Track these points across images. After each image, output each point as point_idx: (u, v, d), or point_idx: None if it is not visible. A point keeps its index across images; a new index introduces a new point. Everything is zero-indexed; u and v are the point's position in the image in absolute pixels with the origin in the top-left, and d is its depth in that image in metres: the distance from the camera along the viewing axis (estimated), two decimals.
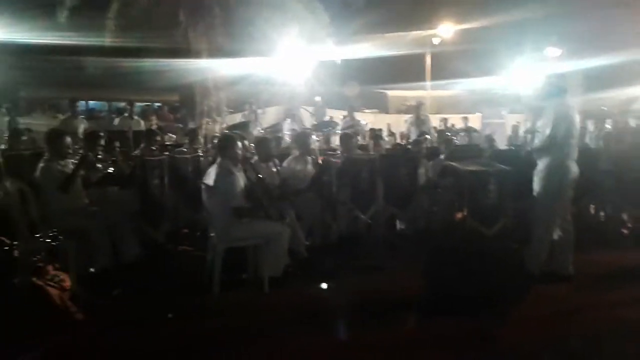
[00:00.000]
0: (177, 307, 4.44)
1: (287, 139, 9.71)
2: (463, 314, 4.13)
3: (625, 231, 6.86)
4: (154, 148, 6.73)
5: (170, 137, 9.29)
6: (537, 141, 5.02)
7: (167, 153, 6.53)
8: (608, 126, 10.12)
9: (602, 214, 7.25)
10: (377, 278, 5.29)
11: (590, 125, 11.20)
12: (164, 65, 12.93)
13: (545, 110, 5.02)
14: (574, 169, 5.00)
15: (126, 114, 10.53)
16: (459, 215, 6.76)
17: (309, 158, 6.36)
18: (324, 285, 4.99)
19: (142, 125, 10.05)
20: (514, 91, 16.53)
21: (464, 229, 6.31)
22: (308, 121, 13.01)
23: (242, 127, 8.58)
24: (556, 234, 5.06)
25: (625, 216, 6.97)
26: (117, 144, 6.46)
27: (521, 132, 12.40)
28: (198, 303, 4.60)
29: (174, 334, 4.02)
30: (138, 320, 4.25)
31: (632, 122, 11.92)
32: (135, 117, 10.34)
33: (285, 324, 4.18)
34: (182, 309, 4.42)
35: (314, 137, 8.11)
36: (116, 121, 10.66)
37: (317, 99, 14.15)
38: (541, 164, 5.02)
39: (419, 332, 4.09)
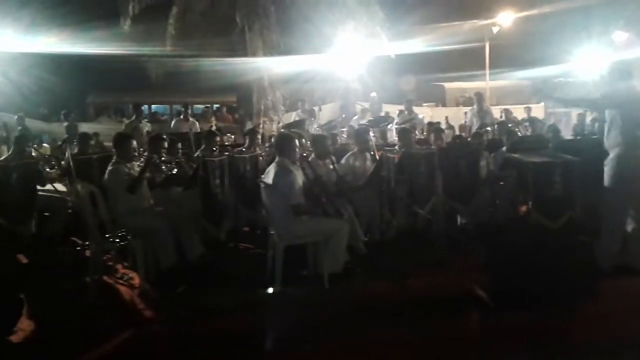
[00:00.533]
0: (239, 303, 4.55)
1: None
2: (529, 310, 4.01)
3: None
4: (214, 149, 6.88)
5: (229, 138, 9.46)
6: (606, 130, 4.81)
7: (227, 153, 6.66)
8: None
9: None
10: (436, 273, 5.19)
11: None
12: (221, 67, 13.24)
13: (612, 98, 4.78)
14: None
15: (181, 117, 10.80)
16: (523, 208, 6.56)
17: (367, 154, 6.34)
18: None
19: (198, 127, 10.28)
20: (579, 79, 15.86)
21: (528, 223, 6.12)
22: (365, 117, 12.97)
23: (298, 125, 8.64)
24: (629, 226, 4.82)
25: None
26: (179, 145, 6.65)
27: (588, 120, 11.90)
28: (261, 299, 4.68)
29: (238, 329, 4.11)
30: (204, 317, 4.37)
31: None
32: (191, 119, 10.58)
33: (346, 320, 4.19)
34: (245, 306, 4.52)
35: (371, 133, 8.06)
36: (172, 124, 10.93)
37: (373, 94, 14.05)
38: (612, 153, 4.80)
39: (483, 328, 4.02)
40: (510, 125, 10.68)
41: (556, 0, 17.32)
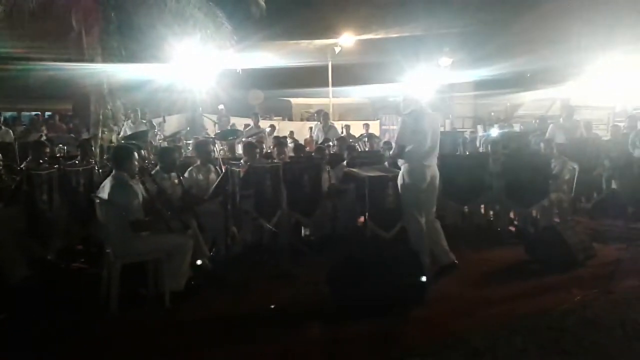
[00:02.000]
0: (70, 330, 4.19)
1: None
2: (368, 317, 4.25)
3: (512, 228, 7.36)
4: (42, 161, 6.29)
5: (62, 149, 8.74)
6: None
7: (57, 166, 6.13)
8: (496, 130, 10.83)
9: (491, 213, 7.73)
10: (283, 285, 5.27)
11: (480, 130, 11.96)
12: (55, 72, 12.20)
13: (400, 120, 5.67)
14: (432, 172, 5.52)
15: None
16: (361, 219, 6.96)
17: (211, 167, 6.27)
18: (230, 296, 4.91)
19: (12, 136, 9.33)
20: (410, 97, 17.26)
21: (365, 233, 6.51)
22: (211, 130, 12.82)
23: (140, 137, 8.27)
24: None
25: (512, 215, 7.48)
26: None
27: None
28: (94, 324, 4.36)
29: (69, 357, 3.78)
30: (24, 348, 3.95)
31: (517, 127, 12.93)
32: (4, 128, 9.57)
33: (188, 339, 4.07)
34: (76, 332, 4.18)
35: (216, 145, 7.99)
36: None
37: (221, 106, 13.96)
38: (402, 168, 5.57)
39: (326, 339, 4.13)
40: (350, 140, 11.29)
41: (391, 26, 18.78)
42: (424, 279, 4.69)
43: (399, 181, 5.58)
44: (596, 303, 4.68)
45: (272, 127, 12.80)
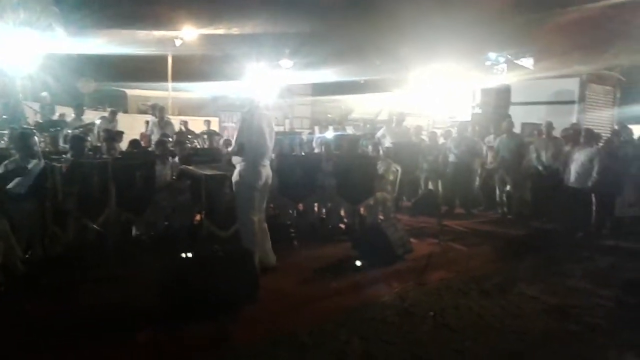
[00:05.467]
0: None
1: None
2: (198, 318, 4.20)
3: (342, 226, 7.78)
4: None
5: None
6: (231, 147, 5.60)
7: None
8: (331, 132, 11.33)
9: (324, 210, 8.09)
10: (108, 287, 4.99)
11: (317, 131, 12.43)
12: None
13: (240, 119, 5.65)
14: (266, 172, 5.60)
15: None
16: (198, 218, 6.85)
17: (32, 161, 5.68)
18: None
19: None
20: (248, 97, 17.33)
21: (202, 232, 6.42)
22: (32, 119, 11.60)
23: None
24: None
25: (342, 212, 7.90)
26: None
27: None
28: None
29: None
30: None
31: (350, 130, 13.69)
32: None
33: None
34: None
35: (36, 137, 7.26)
36: None
37: (44, 94, 12.67)
38: (237, 167, 5.55)
39: (158, 340, 3.99)
40: (189, 136, 11.03)
41: (234, 22, 18.70)
42: (255, 277, 4.76)
43: (234, 179, 5.56)
44: (411, 294, 5.15)
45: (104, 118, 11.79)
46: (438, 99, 15.57)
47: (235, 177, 5.55)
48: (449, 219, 8.40)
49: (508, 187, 9.29)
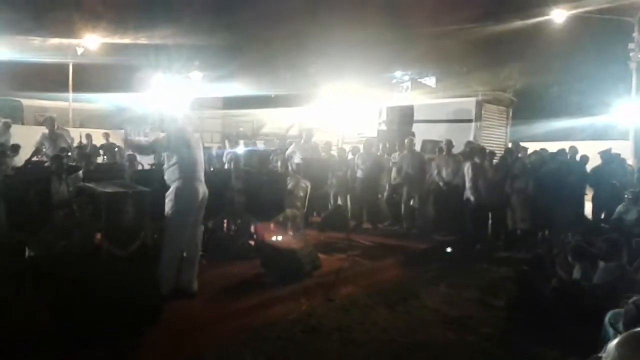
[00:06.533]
0: None
1: None
2: (96, 343, 3.99)
3: (252, 242, 7.72)
4: None
5: None
6: (165, 166, 5.31)
7: None
8: (241, 147, 11.23)
9: (234, 227, 7.99)
10: None
11: (227, 146, 12.27)
12: None
13: (165, 142, 5.36)
14: (203, 189, 5.36)
15: None
16: (98, 237, 6.50)
17: None
18: None
19: None
20: (156, 109, 16.88)
21: (101, 253, 6.10)
22: None
23: None
24: (184, 253, 5.35)
25: (252, 229, 7.84)
26: None
27: None
28: None
29: None
30: None
31: (261, 145, 13.67)
32: None
33: None
34: None
35: None
36: None
37: None
38: (171, 186, 5.26)
39: None
40: (89, 150, 10.51)
41: (141, 32, 18.15)
42: (158, 299, 4.60)
43: (169, 198, 5.22)
44: (319, 310, 5.21)
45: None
46: (347, 115, 15.93)
47: (170, 195, 5.23)
48: (357, 234, 8.60)
49: (412, 202, 9.66)
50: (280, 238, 7.43)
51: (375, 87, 17.27)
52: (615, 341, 1.10)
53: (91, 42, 19.03)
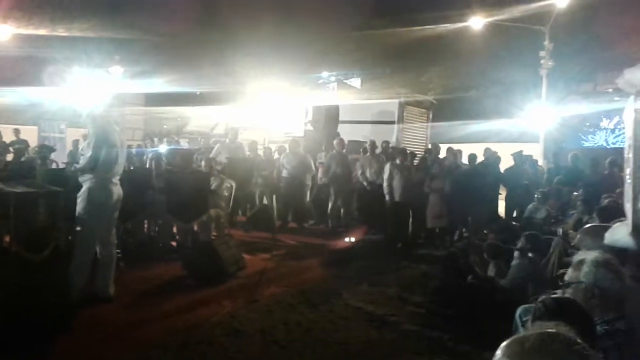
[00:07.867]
0: None
1: None
2: (8, 351, 3.75)
3: (174, 243, 7.54)
4: None
5: None
6: (81, 162, 5.08)
7: None
8: (164, 146, 10.94)
9: (155, 228, 7.77)
10: None
11: (149, 144, 11.91)
12: None
13: (91, 132, 5.11)
14: (118, 190, 5.17)
15: None
16: (7, 241, 6.12)
17: None
18: None
19: None
20: (74, 104, 16.07)
21: (11, 257, 5.75)
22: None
23: None
24: (99, 256, 5.15)
25: (174, 229, 7.65)
26: None
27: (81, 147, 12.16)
28: None
29: None
30: None
31: (185, 143, 13.37)
32: None
33: None
34: None
35: None
36: None
37: None
38: (84, 186, 5.05)
39: None
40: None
41: (64, 23, 17.23)
42: (71, 304, 4.40)
43: (81, 198, 5.01)
44: (242, 312, 5.16)
45: None
46: (273, 114, 15.89)
47: (82, 195, 5.01)
48: (282, 234, 8.60)
49: (338, 202, 9.77)
50: (203, 239, 7.31)
51: (302, 86, 17.33)
52: (503, 343, 1.16)
53: (2, 32, 17.79)
